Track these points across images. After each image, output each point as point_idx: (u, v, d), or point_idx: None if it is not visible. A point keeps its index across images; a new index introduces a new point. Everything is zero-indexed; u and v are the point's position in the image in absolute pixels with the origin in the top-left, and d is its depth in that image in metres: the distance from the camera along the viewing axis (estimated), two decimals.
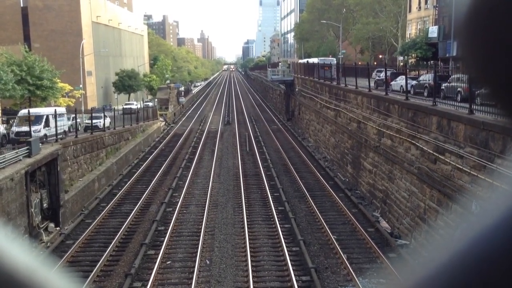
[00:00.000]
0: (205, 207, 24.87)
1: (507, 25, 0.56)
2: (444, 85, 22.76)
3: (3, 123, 29.23)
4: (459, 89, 20.37)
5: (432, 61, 45.11)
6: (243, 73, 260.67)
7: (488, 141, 15.25)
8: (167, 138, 49.22)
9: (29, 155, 21.41)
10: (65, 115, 32.61)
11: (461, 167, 16.66)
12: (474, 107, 17.13)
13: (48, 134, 28.08)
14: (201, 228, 21.72)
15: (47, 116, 29.59)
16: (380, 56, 72.65)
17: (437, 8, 50.07)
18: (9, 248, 0.65)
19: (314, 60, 54.56)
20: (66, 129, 31.50)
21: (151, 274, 17.07)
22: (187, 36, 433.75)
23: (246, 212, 23.90)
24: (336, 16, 76.90)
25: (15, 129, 28.21)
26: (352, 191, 28.26)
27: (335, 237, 20.46)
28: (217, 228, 22.39)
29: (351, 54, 77.07)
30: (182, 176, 31.99)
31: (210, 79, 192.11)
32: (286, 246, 19.35)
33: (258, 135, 48.73)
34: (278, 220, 22.54)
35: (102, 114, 37.71)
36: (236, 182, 30.35)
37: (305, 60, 59.53)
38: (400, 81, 28.59)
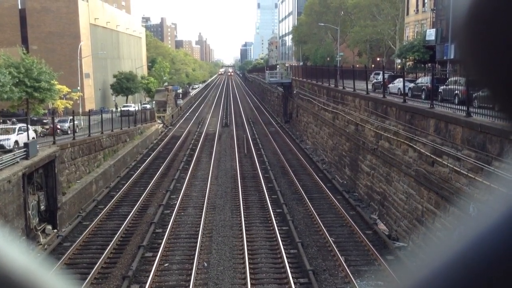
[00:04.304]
0: (203, 209, 24.85)
1: (506, 27, 0.55)
2: (441, 88, 22.80)
3: None
4: (456, 91, 20.39)
5: (429, 64, 45.18)
6: (241, 75, 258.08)
7: (486, 144, 15.28)
8: (165, 140, 49.18)
9: (26, 157, 21.37)
10: None
11: (458, 169, 16.68)
12: (472, 109, 17.16)
13: None
14: (199, 230, 21.70)
15: None
16: (378, 59, 72.76)
17: (434, 11, 50.17)
18: (6, 250, 0.65)
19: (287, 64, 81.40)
20: None
21: (148, 276, 17.04)
22: (185, 39, 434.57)
23: (244, 215, 23.89)
24: (334, 19, 76.98)
25: None
26: (350, 193, 28.27)
27: (333, 239, 20.46)
28: (215, 230, 22.37)
29: (349, 56, 77.17)
30: (180, 178, 31.96)
31: (208, 81, 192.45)
32: (284, 249, 19.34)
33: (256, 137, 48.73)
34: (276, 223, 22.54)
35: (17, 127, 26.44)
36: (234, 185, 30.33)
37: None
38: (398, 83, 28.62)
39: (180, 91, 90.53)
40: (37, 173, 22.24)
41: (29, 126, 26.42)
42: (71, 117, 34.82)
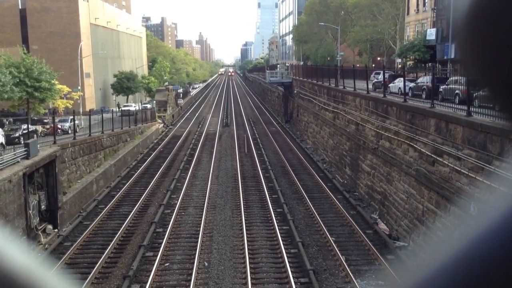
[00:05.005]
0: (203, 209, 24.86)
1: (506, 26, 0.56)
2: (442, 87, 22.81)
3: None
4: (457, 91, 20.40)
5: (430, 63, 45.17)
6: (241, 75, 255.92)
7: (486, 143, 15.28)
8: (165, 140, 49.20)
9: (27, 156, 21.38)
10: None
11: (459, 169, 16.68)
12: (472, 109, 17.16)
13: None
14: (199, 230, 21.70)
15: None
16: (378, 58, 72.74)
17: (435, 11, 50.15)
18: (7, 250, 0.65)
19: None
20: None
21: (149, 276, 17.05)
22: (185, 38, 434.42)
23: (244, 214, 23.89)
24: (335, 18, 76.97)
25: None
26: (350, 193, 28.26)
27: (334, 239, 20.45)
28: (215, 230, 22.37)
29: (350, 56, 77.13)
30: (180, 178, 31.96)
31: (209, 81, 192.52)
32: (285, 248, 19.34)
33: (257, 137, 48.72)
34: (276, 222, 22.54)
35: None
36: (235, 184, 30.33)
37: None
38: (398, 83, 28.62)
39: (180, 90, 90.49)
40: (37, 172, 22.25)
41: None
42: (72, 117, 34.97)
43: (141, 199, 26.89)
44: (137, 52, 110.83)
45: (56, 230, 22.65)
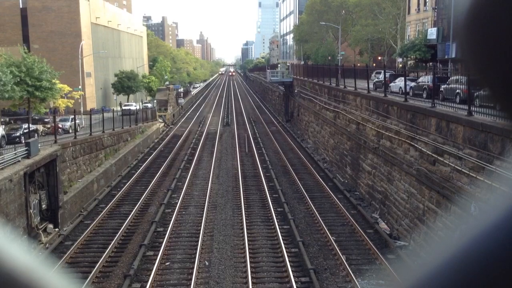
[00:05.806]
0: (204, 208, 24.86)
1: (507, 26, 0.56)
2: (443, 87, 22.79)
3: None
4: (458, 90, 20.39)
5: (431, 63, 45.15)
6: (242, 74, 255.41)
7: (487, 143, 15.27)
8: (166, 139, 49.20)
9: (28, 156, 21.39)
10: None
11: (460, 168, 16.67)
12: (473, 108, 17.15)
13: None
14: (200, 229, 21.71)
15: None
16: (379, 58, 72.68)
17: (436, 10, 50.13)
18: (8, 249, 0.65)
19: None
20: None
21: (150, 275, 17.06)
22: (186, 38, 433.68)
23: (245, 213, 23.89)
24: (335, 17, 76.89)
25: None
26: (351, 192, 28.26)
27: (334, 238, 20.46)
28: (216, 229, 22.38)
29: (350, 55, 77.04)
30: (181, 177, 31.97)
31: (209, 80, 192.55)
32: (285, 247, 19.34)
33: (257, 137, 48.73)
34: (277, 221, 22.54)
35: None
36: (235, 183, 30.33)
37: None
38: (399, 82, 28.61)
39: (181, 90, 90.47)
40: (38, 172, 22.27)
41: None
42: (73, 116, 34.95)
43: (142, 198, 26.90)
44: (138, 51, 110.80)
45: (56, 229, 22.66)
